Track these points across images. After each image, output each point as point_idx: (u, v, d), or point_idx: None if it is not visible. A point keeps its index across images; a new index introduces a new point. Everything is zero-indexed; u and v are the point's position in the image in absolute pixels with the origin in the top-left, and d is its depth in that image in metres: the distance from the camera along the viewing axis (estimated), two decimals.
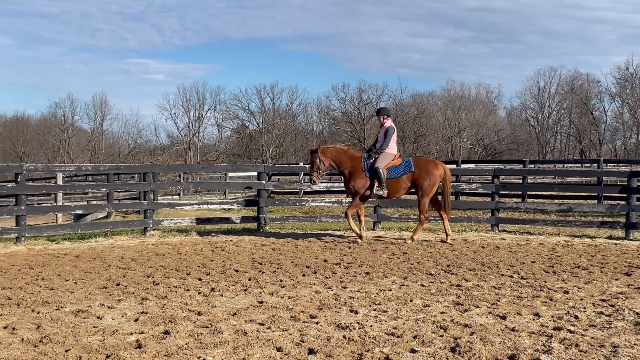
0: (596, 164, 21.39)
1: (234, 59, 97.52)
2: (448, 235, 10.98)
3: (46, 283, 7.24)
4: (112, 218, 18.42)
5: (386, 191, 10.86)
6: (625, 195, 12.32)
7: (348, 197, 12.35)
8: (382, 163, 10.86)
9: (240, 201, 14.37)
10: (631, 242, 11.05)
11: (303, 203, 14.99)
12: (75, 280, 7.42)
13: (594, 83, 61.39)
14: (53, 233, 11.86)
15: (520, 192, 19.01)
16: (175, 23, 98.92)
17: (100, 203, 19.60)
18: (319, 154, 11.04)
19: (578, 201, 17.47)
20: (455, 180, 17.31)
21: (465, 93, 67.54)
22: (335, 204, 14.36)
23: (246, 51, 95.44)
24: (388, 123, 11.18)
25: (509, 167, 22.73)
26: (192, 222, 12.56)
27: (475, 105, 67.12)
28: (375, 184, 10.85)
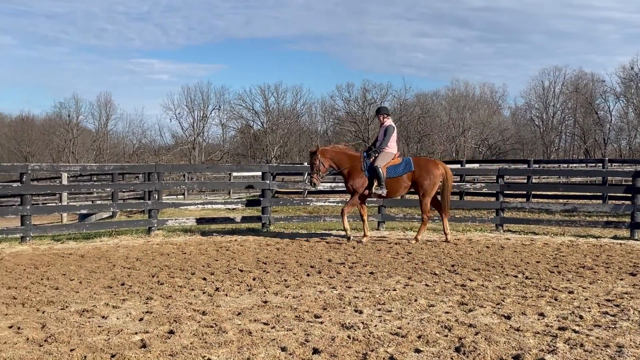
0: (601, 164, 21.35)
1: (239, 59, 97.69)
2: (447, 234, 10.98)
3: (51, 282, 7.26)
4: (117, 218, 18.46)
5: (385, 190, 10.83)
6: (630, 195, 12.29)
7: None
8: (382, 162, 10.82)
9: (244, 201, 14.38)
10: (636, 242, 11.01)
11: (307, 203, 15.00)
12: (80, 279, 7.45)
13: (599, 83, 61.39)
14: (58, 233, 11.90)
15: (524, 192, 18.99)
16: (180, 23, 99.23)
17: (105, 203, 19.66)
18: (318, 156, 11.02)
19: (583, 201, 17.44)
20: (459, 180, 17.31)
21: (469, 93, 67.45)
22: (339, 204, 14.33)
23: (250, 51, 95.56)
24: (388, 122, 11.16)
25: (514, 167, 22.66)
26: (197, 222, 12.58)
27: (479, 105, 66.99)
28: (374, 183, 10.83)
